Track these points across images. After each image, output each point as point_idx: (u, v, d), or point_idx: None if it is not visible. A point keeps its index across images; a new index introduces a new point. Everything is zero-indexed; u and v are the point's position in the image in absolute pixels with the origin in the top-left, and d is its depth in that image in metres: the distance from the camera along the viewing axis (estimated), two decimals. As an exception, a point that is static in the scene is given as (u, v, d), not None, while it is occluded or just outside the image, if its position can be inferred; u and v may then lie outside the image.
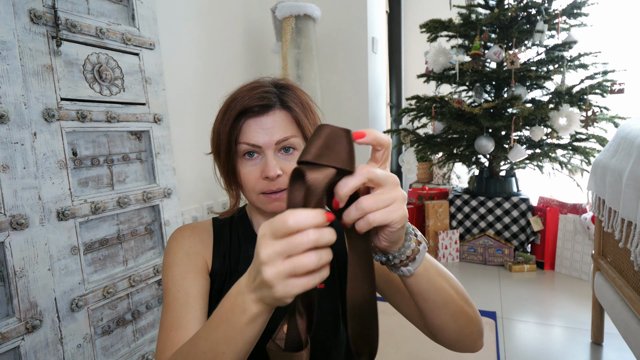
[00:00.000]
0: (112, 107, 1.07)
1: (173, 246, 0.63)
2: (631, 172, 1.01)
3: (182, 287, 0.57)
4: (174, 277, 0.59)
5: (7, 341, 0.81)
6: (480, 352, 1.47)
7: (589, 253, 2.13)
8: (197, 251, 0.63)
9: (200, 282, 0.59)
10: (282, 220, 0.33)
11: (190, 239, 0.64)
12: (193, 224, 0.67)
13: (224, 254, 0.64)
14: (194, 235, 0.65)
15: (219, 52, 1.99)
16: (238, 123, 0.57)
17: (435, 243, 2.61)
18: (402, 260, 0.45)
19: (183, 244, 0.63)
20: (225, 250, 0.65)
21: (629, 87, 2.27)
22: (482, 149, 2.32)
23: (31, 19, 0.87)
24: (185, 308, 0.55)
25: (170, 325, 0.54)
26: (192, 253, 0.62)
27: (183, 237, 0.64)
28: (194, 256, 0.62)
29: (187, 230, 0.65)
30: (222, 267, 0.63)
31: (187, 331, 0.53)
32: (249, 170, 0.58)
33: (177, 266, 0.60)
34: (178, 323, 0.53)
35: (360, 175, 0.37)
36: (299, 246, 0.33)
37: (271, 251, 0.34)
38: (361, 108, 2.55)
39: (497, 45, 2.27)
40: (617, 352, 1.46)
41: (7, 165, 0.82)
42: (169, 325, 0.54)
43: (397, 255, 0.44)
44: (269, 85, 0.60)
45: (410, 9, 3.74)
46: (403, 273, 0.46)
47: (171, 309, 0.55)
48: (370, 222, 0.37)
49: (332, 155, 0.36)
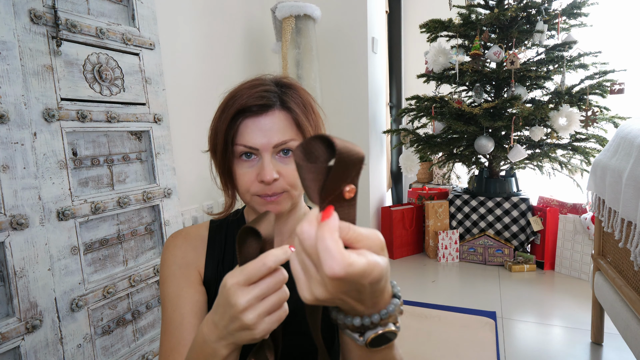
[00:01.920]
0: (112, 107, 1.07)
1: (166, 258, 0.63)
2: (631, 172, 1.01)
3: (177, 307, 0.58)
4: (170, 294, 0.59)
5: (7, 341, 0.81)
6: (480, 352, 1.47)
7: (588, 253, 2.13)
8: (189, 262, 0.62)
9: (195, 298, 0.59)
10: (261, 263, 0.36)
11: (182, 249, 0.63)
12: (186, 230, 0.66)
13: (217, 260, 0.63)
14: (186, 243, 0.64)
15: (219, 52, 1.99)
16: (235, 122, 0.55)
17: (435, 243, 2.61)
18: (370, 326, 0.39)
19: (175, 255, 0.62)
20: (219, 256, 0.63)
21: (629, 87, 2.27)
22: (482, 149, 2.32)
23: (31, 19, 0.87)
24: (180, 331, 0.56)
25: (170, 349, 0.56)
26: (184, 265, 0.62)
27: (175, 247, 0.63)
28: (185, 268, 0.61)
29: (178, 239, 0.64)
30: (215, 273, 0.62)
31: (182, 357, 0.54)
32: (245, 172, 0.56)
33: (171, 282, 0.60)
34: (176, 348, 0.55)
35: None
36: (275, 285, 0.37)
37: (250, 297, 0.36)
38: (361, 108, 2.55)
39: (497, 45, 2.27)
40: (617, 352, 1.46)
41: (7, 165, 0.82)
42: (168, 348, 0.56)
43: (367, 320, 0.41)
44: (270, 84, 0.57)
45: (410, 9, 3.74)
46: (355, 340, 0.39)
47: (168, 332, 0.57)
48: None
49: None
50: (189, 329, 0.56)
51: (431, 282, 2.24)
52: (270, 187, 0.55)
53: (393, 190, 3.69)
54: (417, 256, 2.72)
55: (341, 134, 2.62)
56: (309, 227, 0.29)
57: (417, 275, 2.35)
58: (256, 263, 0.36)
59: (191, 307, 0.58)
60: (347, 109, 2.58)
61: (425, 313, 1.80)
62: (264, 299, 0.37)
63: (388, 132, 2.81)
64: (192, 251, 0.63)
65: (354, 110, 2.57)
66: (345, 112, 2.59)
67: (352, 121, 2.59)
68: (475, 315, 1.75)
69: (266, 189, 0.55)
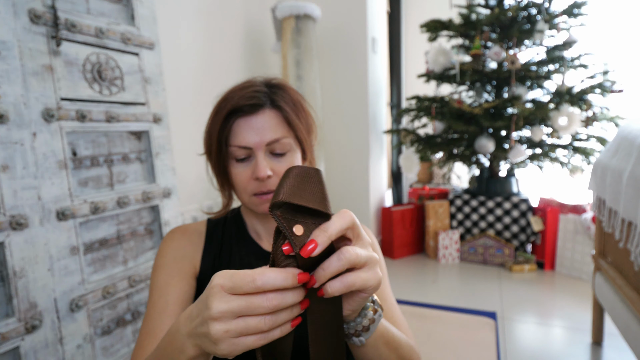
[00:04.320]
0: (112, 107, 1.06)
1: (162, 249, 0.64)
2: (631, 172, 1.00)
3: (163, 294, 0.58)
4: (158, 281, 0.60)
5: (7, 341, 0.81)
6: (480, 352, 1.47)
7: (589, 253, 2.12)
8: (185, 254, 0.63)
9: (183, 289, 0.59)
10: (250, 279, 0.31)
11: (179, 241, 0.64)
12: (185, 226, 0.68)
13: (214, 255, 0.65)
14: (184, 237, 0.65)
15: (219, 52, 1.99)
16: (228, 123, 0.57)
17: (435, 243, 2.61)
18: (357, 330, 0.41)
19: (172, 247, 0.63)
20: (216, 250, 0.65)
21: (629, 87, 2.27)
22: (482, 149, 2.32)
23: (31, 19, 0.87)
24: (161, 317, 0.56)
25: (146, 333, 0.55)
26: (179, 257, 0.62)
27: (173, 240, 0.64)
28: (180, 260, 0.62)
29: (177, 233, 0.66)
30: (211, 266, 0.63)
31: (157, 342, 0.54)
32: (240, 171, 0.58)
33: (163, 270, 0.61)
34: (152, 332, 0.55)
35: (341, 220, 0.34)
36: (256, 309, 0.31)
37: (225, 308, 0.31)
38: (361, 108, 2.55)
39: (498, 45, 2.27)
40: (617, 352, 1.46)
41: (6, 165, 0.82)
42: (145, 332, 0.56)
43: (352, 325, 0.41)
44: (260, 85, 0.60)
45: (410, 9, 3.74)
46: (354, 342, 0.42)
47: (149, 316, 0.57)
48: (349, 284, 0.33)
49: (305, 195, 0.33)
50: (171, 317, 0.56)
51: (431, 282, 2.24)
52: (265, 183, 0.57)
53: (393, 190, 3.69)
54: (418, 256, 2.72)
55: (341, 134, 2.62)
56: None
57: (417, 275, 2.35)
58: (247, 275, 0.31)
59: (177, 295, 0.58)
60: (347, 109, 2.58)
61: (425, 313, 1.80)
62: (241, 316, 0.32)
63: (388, 132, 2.81)
64: (189, 245, 0.64)
65: (354, 110, 2.57)
66: (345, 112, 2.59)
67: (352, 121, 2.59)
68: (475, 316, 1.75)
69: (261, 186, 0.57)
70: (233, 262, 0.64)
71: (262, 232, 0.67)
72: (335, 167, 2.66)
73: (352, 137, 2.60)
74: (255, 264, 0.65)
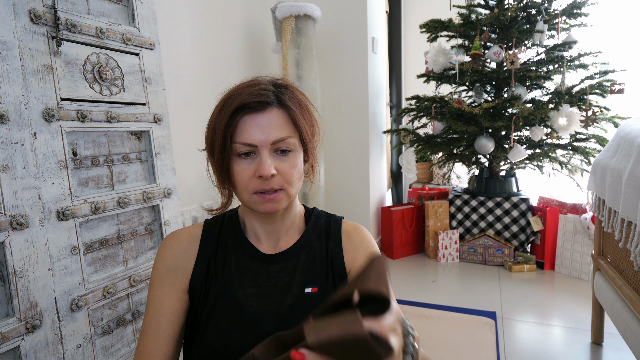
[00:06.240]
0: (112, 107, 1.06)
1: (157, 261, 0.65)
2: (631, 172, 1.01)
3: (157, 313, 0.61)
4: (153, 298, 0.62)
5: (7, 341, 0.81)
6: (480, 352, 1.47)
7: (588, 253, 2.13)
8: (177, 266, 0.64)
9: (174, 307, 0.62)
10: None
11: (173, 251, 0.65)
12: (179, 231, 0.68)
13: (208, 260, 0.64)
14: (178, 246, 0.65)
15: (219, 52, 1.99)
16: (234, 119, 0.56)
17: (435, 243, 2.61)
18: None
19: (165, 259, 0.64)
20: (210, 256, 0.65)
21: (629, 87, 2.27)
22: (482, 149, 2.32)
23: (31, 19, 0.87)
24: (153, 340, 0.60)
25: (142, 352, 0.60)
26: (172, 269, 0.63)
27: (165, 250, 0.65)
28: (173, 273, 0.63)
29: (170, 241, 0.66)
30: (205, 272, 0.64)
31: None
32: (243, 168, 0.57)
33: (158, 285, 0.63)
34: (148, 353, 0.59)
35: None
36: None
37: None
38: (361, 108, 2.55)
39: (497, 45, 2.27)
40: (617, 352, 1.46)
41: (7, 165, 0.82)
42: (139, 352, 0.60)
43: None
44: (267, 84, 0.59)
45: (410, 9, 3.74)
46: None
47: (145, 333, 0.61)
48: None
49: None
50: (163, 339, 0.60)
51: (431, 282, 2.24)
52: (268, 182, 0.56)
53: (393, 190, 3.69)
54: (417, 256, 2.72)
55: (341, 134, 2.62)
56: None
57: (417, 275, 2.35)
58: None
59: (169, 317, 0.61)
60: (347, 109, 2.58)
61: (425, 313, 1.80)
62: None
63: (388, 132, 2.81)
64: (182, 255, 0.65)
65: (354, 110, 2.57)
66: (345, 112, 2.59)
67: (352, 121, 2.59)
68: (475, 315, 1.75)
69: (264, 185, 0.57)
70: (228, 264, 0.64)
71: (260, 233, 0.66)
72: (335, 167, 2.66)
73: (352, 137, 2.60)
74: (251, 266, 0.64)
